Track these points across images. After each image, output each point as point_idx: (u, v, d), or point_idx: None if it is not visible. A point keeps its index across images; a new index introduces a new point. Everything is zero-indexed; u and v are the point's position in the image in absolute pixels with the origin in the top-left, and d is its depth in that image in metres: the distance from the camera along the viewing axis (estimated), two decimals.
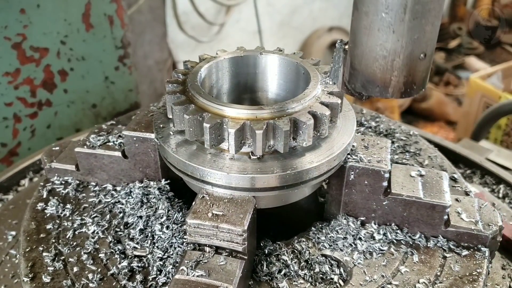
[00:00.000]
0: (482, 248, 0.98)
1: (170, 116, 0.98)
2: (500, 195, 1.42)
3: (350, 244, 0.99)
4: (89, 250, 0.98)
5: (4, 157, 1.98)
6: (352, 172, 0.99)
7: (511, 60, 4.03)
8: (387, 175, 0.98)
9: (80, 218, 1.05)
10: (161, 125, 1.00)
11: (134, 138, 1.04)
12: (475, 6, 6.26)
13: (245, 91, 1.12)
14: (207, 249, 0.88)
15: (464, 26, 5.84)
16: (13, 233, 1.24)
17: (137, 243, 0.99)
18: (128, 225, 1.03)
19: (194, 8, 3.59)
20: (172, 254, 0.95)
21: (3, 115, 1.92)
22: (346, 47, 0.76)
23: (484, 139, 2.48)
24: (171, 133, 0.98)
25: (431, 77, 4.72)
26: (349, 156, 0.99)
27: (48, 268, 0.95)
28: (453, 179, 1.17)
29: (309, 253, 0.98)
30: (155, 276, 0.93)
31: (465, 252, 0.98)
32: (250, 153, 0.92)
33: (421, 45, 0.69)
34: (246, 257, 0.87)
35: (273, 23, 4.41)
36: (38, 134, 2.07)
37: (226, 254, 0.87)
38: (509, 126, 3.07)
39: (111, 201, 1.09)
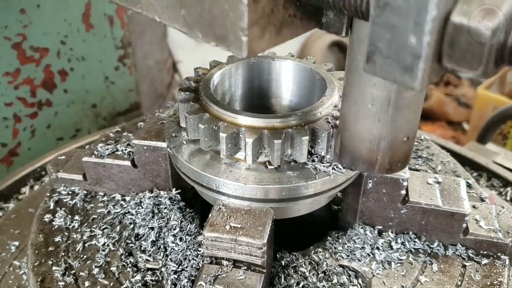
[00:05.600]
0: (502, 256, 0.97)
1: (183, 125, 0.95)
2: (508, 198, 1.40)
3: (368, 254, 0.97)
4: (100, 264, 0.95)
5: (4, 157, 1.97)
6: (370, 181, 0.97)
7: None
8: (405, 183, 0.96)
9: (89, 230, 1.02)
10: (174, 134, 0.97)
11: (145, 147, 1.01)
12: None
13: (258, 97, 1.09)
14: (225, 262, 0.86)
15: None
16: (16, 243, 1.20)
17: (150, 256, 0.96)
18: (139, 237, 1.01)
19: None
20: (186, 267, 0.93)
21: (3, 115, 1.90)
22: (337, 122, 0.82)
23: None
24: (184, 142, 0.96)
25: None
26: None
27: (59, 283, 0.92)
28: (467, 185, 1.16)
29: (327, 264, 0.96)
30: None
31: (484, 261, 0.97)
32: (267, 163, 0.90)
33: (404, 130, 0.75)
34: (265, 271, 0.85)
35: None
36: (38, 134, 2.05)
37: (245, 268, 0.85)
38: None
39: (121, 212, 1.06)
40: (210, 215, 0.88)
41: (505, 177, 1.43)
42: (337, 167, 0.89)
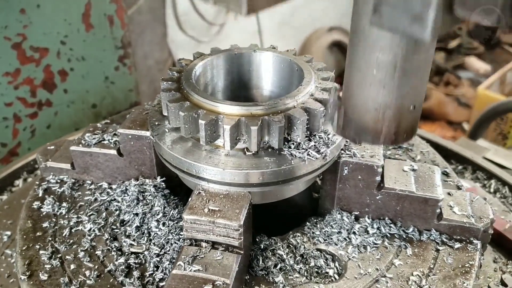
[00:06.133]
0: (474, 241, 0.99)
1: (166, 114, 0.99)
2: (491, 190, 1.43)
3: (345, 238, 1.00)
4: (86, 248, 0.99)
5: (4, 157, 1.99)
6: (346, 167, 1.00)
7: (510, 62, 4.05)
8: (380, 169, 0.99)
9: (76, 216, 1.06)
10: (156, 123, 1.01)
11: (129, 136, 1.05)
12: None
13: (240, 88, 1.13)
14: (204, 244, 0.89)
15: (464, 26, 5.83)
16: (8, 233, 1.24)
17: (134, 240, 1.00)
18: (124, 223, 1.04)
19: (194, 8, 3.60)
20: (168, 250, 0.97)
21: (3, 115, 1.93)
22: (341, 93, 0.79)
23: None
24: (167, 130, 0.99)
25: (431, 77, 4.72)
26: (342, 151, 1.00)
27: (45, 266, 0.96)
28: (445, 174, 1.18)
29: (304, 247, 0.99)
30: (152, 272, 0.94)
31: (457, 245, 0.99)
32: (245, 149, 0.93)
33: (410, 98, 0.72)
34: (242, 252, 0.88)
35: (273, 23, 4.41)
36: (38, 134, 2.08)
37: (223, 249, 0.88)
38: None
39: (107, 199, 1.10)
40: (190, 199, 0.92)
41: (489, 169, 1.45)
42: (311, 154, 0.92)
